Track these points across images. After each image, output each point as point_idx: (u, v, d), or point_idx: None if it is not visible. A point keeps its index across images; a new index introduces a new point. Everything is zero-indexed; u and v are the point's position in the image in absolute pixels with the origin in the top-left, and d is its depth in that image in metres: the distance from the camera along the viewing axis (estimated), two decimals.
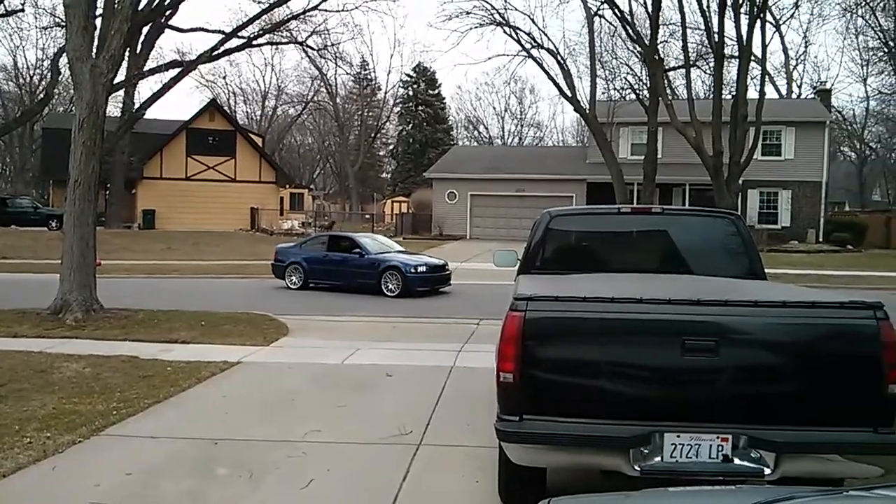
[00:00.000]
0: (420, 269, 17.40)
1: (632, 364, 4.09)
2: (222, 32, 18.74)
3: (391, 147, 69.61)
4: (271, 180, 42.98)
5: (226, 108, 55.05)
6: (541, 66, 33.04)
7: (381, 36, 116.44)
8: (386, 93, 64.97)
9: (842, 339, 4.02)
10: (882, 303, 3.96)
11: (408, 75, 63.05)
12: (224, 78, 64.35)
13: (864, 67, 54.81)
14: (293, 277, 18.53)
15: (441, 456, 5.71)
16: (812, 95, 45.38)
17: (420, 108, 61.37)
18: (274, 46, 45.47)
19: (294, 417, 6.71)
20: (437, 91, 63.42)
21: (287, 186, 46.92)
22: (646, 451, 3.93)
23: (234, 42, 18.52)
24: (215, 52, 17.61)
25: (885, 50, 47.72)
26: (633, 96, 34.12)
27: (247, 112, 68.75)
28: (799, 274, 21.14)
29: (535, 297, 4.10)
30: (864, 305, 3.97)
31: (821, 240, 33.56)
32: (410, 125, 62.23)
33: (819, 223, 34.49)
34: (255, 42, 21.45)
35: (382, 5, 72.47)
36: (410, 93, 62.58)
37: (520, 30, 32.40)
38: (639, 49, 31.27)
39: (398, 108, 64.61)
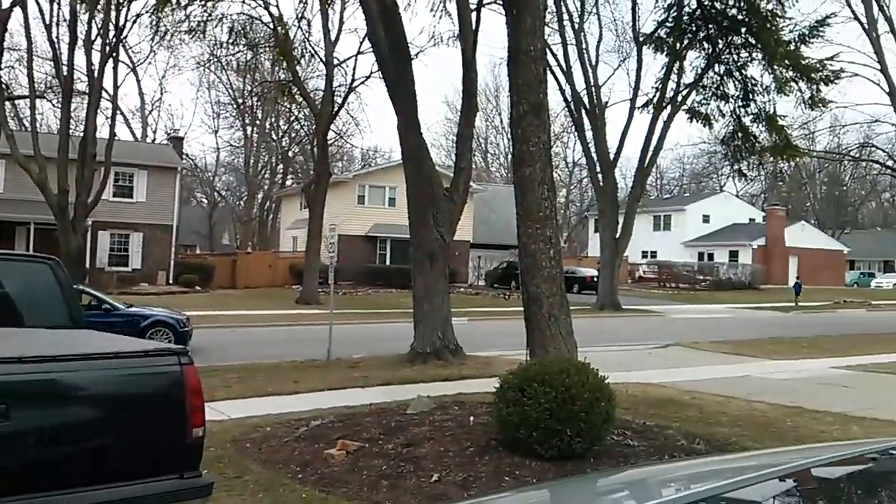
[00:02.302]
0: (185, 323, 15.32)
1: None
2: None
3: None
4: None
5: None
6: None
7: None
8: None
9: (150, 387, 3.91)
10: (187, 349, 3.98)
11: None
12: None
13: (216, 120, 59.74)
14: None
15: None
16: (166, 141, 47.12)
17: None
18: None
19: None
20: None
21: None
22: None
23: None
24: None
25: (235, 106, 52.82)
26: None
27: None
28: None
29: None
30: (170, 352, 3.93)
31: (171, 281, 34.66)
32: None
33: (170, 265, 35.62)
34: None
35: None
36: None
37: None
38: None
39: None
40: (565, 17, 28.78)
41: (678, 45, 21.91)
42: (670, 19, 20.82)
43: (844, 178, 73.98)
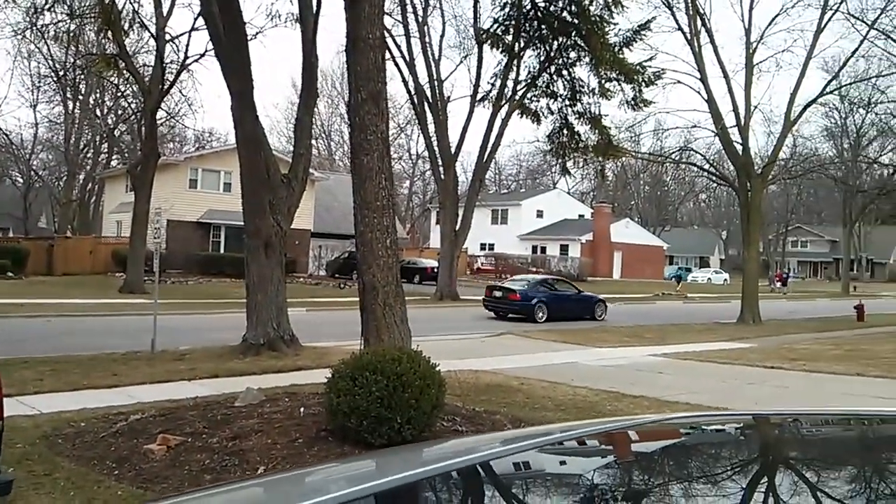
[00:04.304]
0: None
1: None
2: None
3: None
4: None
5: None
6: None
7: None
8: None
9: None
10: None
11: None
12: None
13: (35, 93, 54.75)
14: (540, 313, 22.91)
15: None
16: None
17: None
18: None
19: None
20: None
21: None
22: None
23: None
24: None
25: (56, 78, 48.57)
26: None
27: None
28: None
29: None
30: None
31: None
32: None
33: None
34: None
35: None
36: None
37: None
38: None
39: None
40: (409, 8, 28.93)
41: (515, 43, 22.65)
42: (507, 17, 21.48)
43: (666, 179, 79.64)
